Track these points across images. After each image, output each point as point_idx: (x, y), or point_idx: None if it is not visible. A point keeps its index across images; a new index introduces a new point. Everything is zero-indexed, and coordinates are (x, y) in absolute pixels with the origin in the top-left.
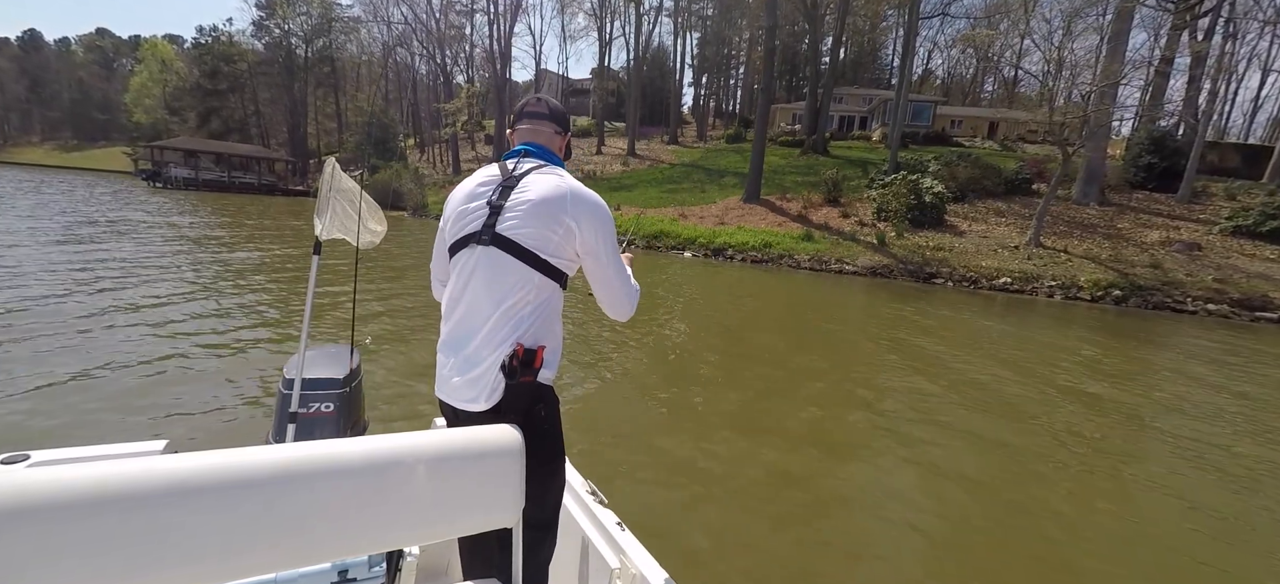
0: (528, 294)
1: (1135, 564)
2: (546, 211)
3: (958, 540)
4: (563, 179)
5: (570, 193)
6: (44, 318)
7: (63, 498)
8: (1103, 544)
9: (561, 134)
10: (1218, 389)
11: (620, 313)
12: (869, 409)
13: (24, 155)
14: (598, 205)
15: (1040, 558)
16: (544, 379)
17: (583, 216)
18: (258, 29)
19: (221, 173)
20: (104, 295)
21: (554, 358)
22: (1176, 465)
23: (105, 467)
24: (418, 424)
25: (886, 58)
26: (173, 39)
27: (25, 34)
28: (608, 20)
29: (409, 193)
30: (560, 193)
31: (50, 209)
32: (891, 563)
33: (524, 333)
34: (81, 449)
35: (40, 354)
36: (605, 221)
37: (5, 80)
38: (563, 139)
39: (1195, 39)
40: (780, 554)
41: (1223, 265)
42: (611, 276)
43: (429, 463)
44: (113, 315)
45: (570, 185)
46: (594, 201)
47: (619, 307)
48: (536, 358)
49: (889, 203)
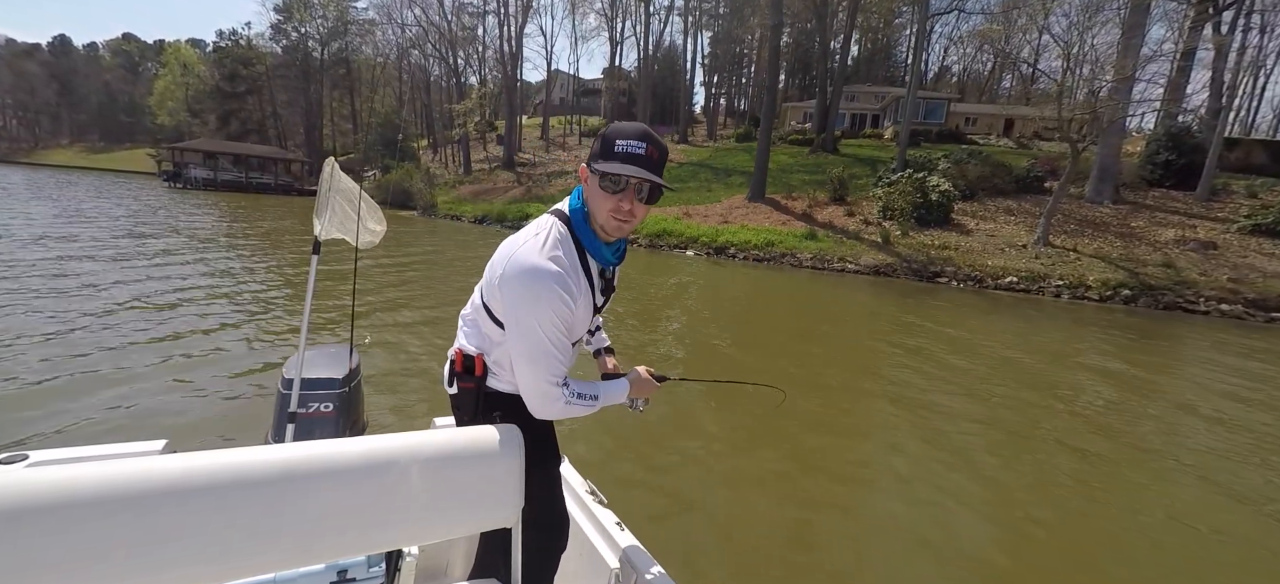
0: (478, 317)
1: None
2: (490, 269)
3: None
4: (531, 233)
5: (512, 251)
6: (44, 317)
7: (62, 498)
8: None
9: (587, 166)
10: (1237, 400)
11: (534, 412)
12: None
13: (54, 156)
14: (521, 269)
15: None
16: (497, 387)
17: (501, 278)
18: (275, 32)
19: (239, 173)
20: (105, 295)
21: (510, 374)
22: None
23: (105, 466)
24: (417, 424)
25: (900, 55)
26: (195, 43)
27: (56, 39)
28: (619, 20)
29: (418, 193)
30: (503, 251)
31: (81, 208)
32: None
33: (468, 344)
34: (81, 449)
35: (41, 353)
36: (518, 291)
37: (36, 84)
38: (587, 170)
39: (1218, 32)
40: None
41: (1239, 265)
42: (519, 368)
43: (428, 463)
44: (114, 314)
45: (521, 241)
46: (521, 263)
47: (531, 405)
48: (476, 365)
49: (895, 201)
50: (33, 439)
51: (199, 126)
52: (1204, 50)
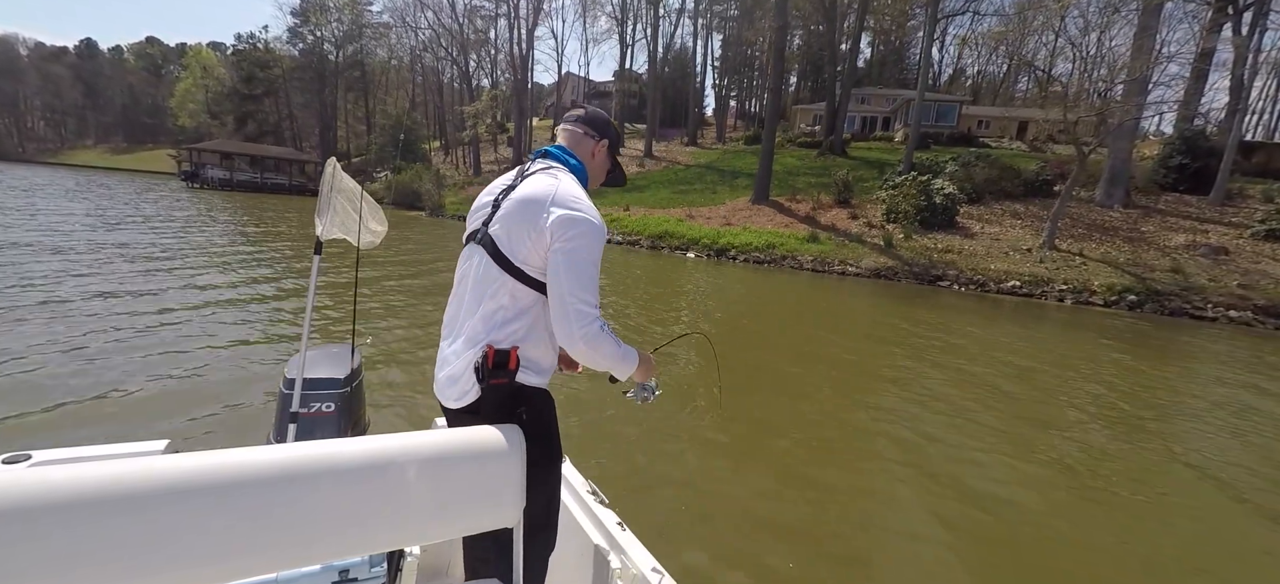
0: (503, 299)
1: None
2: (526, 212)
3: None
4: (557, 179)
5: (555, 192)
6: (45, 316)
7: (64, 498)
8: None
9: (595, 138)
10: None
11: (561, 333)
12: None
13: (78, 157)
14: (579, 207)
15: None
16: (526, 381)
17: (558, 216)
18: (292, 35)
19: (255, 174)
20: (105, 291)
21: (540, 362)
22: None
23: (107, 466)
24: (419, 424)
25: (913, 58)
26: (215, 46)
27: (82, 43)
28: (630, 23)
29: (427, 194)
30: (545, 193)
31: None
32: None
33: (500, 336)
34: (83, 449)
35: (42, 352)
36: (582, 225)
37: (62, 87)
38: (596, 143)
39: (1238, 34)
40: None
41: (1250, 270)
42: (564, 283)
43: (430, 463)
44: (114, 315)
45: (560, 185)
46: (577, 200)
47: (560, 325)
48: (510, 359)
49: (899, 204)
50: (35, 439)
51: (217, 128)
52: (1222, 52)
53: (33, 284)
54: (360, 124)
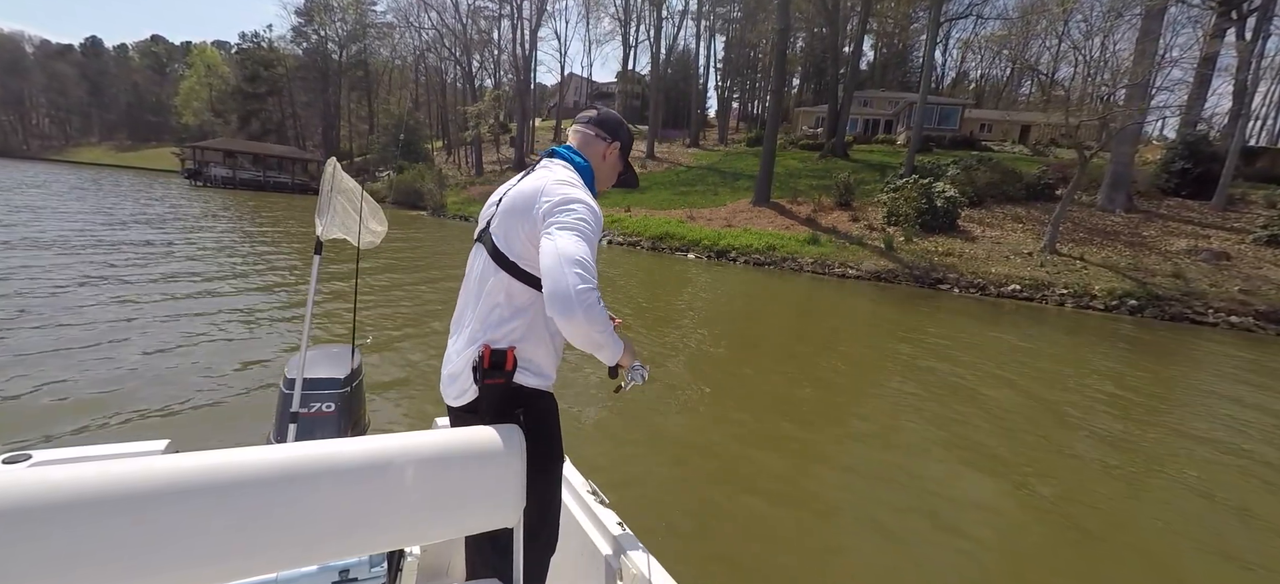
0: (499, 298)
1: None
2: (520, 204)
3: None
4: (552, 171)
5: (548, 182)
6: (44, 315)
7: (65, 497)
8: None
9: (606, 140)
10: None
11: (559, 304)
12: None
13: (83, 154)
14: (572, 191)
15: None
16: (525, 382)
17: (550, 202)
18: (296, 35)
19: (258, 173)
20: (105, 290)
21: (539, 364)
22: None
23: (107, 466)
24: (419, 424)
25: (917, 61)
26: (220, 45)
27: (87, 41)
28: (633, 24)
29: (429, 193)
30: (538, 184)
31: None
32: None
33: (496, 335)
34: (83, 449)
35: (42, 352)
36: (576, 208)
37: (67, 85)
38: (608, 145)
39: (1242, 39)
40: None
41: (1252, 276)
42: (560, 252)
43: (430, 463)
44: (113, 314)
45: (553, 174)
46: (570, 185)
47: (557, 298)
48: (506, 359)
49: (900, 207)
50: (34, 439)
51: (221, 126)
52: (1225, 57)
53: (33, 283)
54: (363, 124)
